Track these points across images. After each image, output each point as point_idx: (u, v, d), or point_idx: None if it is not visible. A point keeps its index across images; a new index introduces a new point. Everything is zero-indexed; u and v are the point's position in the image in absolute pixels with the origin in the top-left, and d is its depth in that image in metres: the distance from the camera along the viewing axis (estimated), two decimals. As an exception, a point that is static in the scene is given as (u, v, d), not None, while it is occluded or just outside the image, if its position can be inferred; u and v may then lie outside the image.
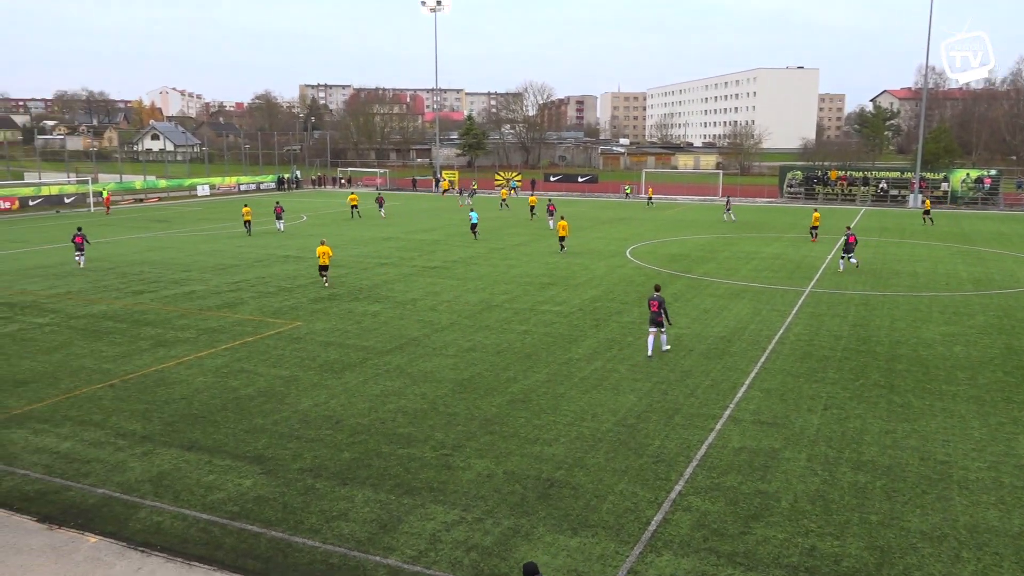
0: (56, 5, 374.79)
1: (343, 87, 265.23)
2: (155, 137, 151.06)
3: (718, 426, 15.88)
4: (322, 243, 30.87)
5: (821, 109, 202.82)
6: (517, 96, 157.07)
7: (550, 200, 59.77)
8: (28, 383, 18.63)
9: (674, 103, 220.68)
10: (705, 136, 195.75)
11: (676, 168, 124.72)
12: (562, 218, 41.94)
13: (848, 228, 36.42)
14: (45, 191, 68.72)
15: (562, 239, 40.07)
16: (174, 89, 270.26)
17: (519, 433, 15.48)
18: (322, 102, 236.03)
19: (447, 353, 21.09)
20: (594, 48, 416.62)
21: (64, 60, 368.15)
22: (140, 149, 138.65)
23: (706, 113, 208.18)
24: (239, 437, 15.30)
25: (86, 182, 70.87)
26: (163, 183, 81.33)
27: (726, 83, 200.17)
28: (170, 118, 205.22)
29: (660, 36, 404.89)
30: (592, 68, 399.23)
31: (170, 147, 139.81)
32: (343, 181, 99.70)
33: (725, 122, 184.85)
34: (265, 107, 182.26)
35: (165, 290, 29.89)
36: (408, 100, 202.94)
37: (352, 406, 17.02)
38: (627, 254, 39.51)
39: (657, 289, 21.21)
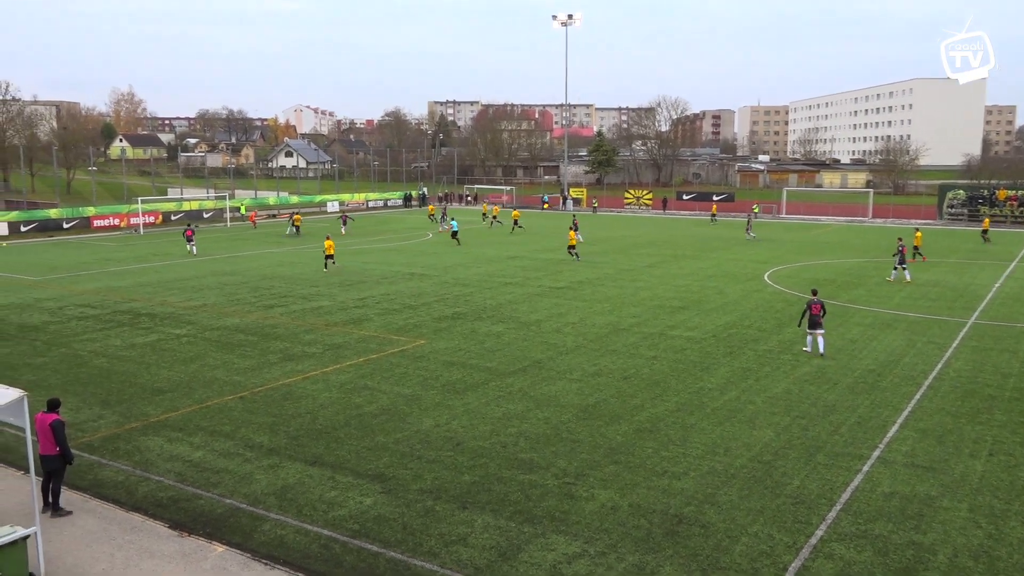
0: (201, 30, 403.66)
1: (471, 103, 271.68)
2: (288, 154, 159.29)
3: (865, 468, 15.06)
4: (328, 238, 41.11)
5: (988, 122, 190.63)
6: (649, 111, 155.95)
7: (575, 216, 61.58)
8: (165, 392, 19.92)
9: (819, 117, 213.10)
10: (853, 152, 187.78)
11: (821, 186, 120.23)
12: (571, 229, 47.68)
13: (900, 240, 39.74)
14: (186, 206, 73.79)
15: (571, 247, 44.57)
16: (307, 107, 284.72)
17: (646, 464, 15.21)
18: (450, 119, 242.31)
19: (571, 377, 21.04)
20: (732, 60, 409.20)
21: (208, 81, 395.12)
22: (274, 166, 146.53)
23: (855, 127, 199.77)
24: (361, 454, 15.77)
25: (224, 198, 75.56)
26: (295, 199, 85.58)
27: (878, 95, 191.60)
28: (303, 135, 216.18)
29: (803, 47, 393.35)
30: (729, 81, 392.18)
31: (302, 164, 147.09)
32: (470, 198, 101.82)
33: (876, 137, 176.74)
34: (394, 124, 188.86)
35: (294, 305, 31.32)
36: (537, 116, 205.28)
37: (473, 428, 17.23)
38: (765, 278, 38.32)
39: (815, 293, 22.83)
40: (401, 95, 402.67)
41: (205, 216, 73.37)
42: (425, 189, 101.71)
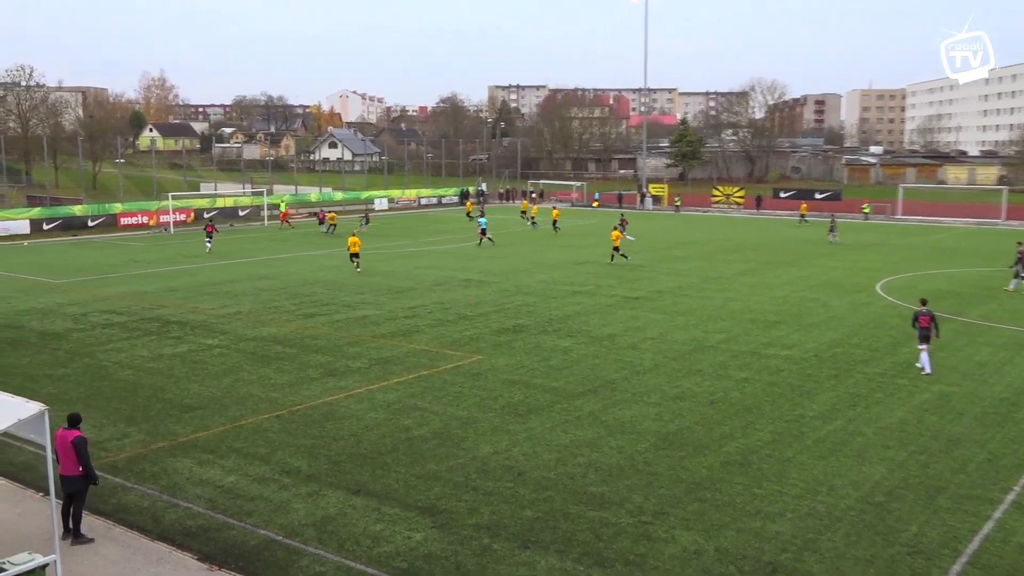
0: (237, 9, 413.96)
1: (537, 88, 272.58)
2: (332, 145, 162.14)
3: (997, 514, 14.59)
4: (353, 234, 44.17)
5: None
6: (741, 96, 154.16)
7: (623, 213, 61.32)
8: (195, 408, 20.42)
9: (943, 102, 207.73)
10: (983, 143, 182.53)
11: (944, 183, 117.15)
12: (615, 228, 47.88)
13: (1019, 244, 38.01)
14: (220, 203, 75.71)
15: (616, 249, 45.42)
16: (354, 92, 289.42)
17: (735, 503, 15.01)
18: (513, 105, 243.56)
19: (650, 400, 20.91)
20: (839, 37, 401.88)
21: (245, 65, 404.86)
22: (317, 158, 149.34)
23: (985, 114, 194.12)
24: (410, 483, 15.90)
25: (261, 193, 77.25)
26: (339, 195, 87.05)
27: (1013, 76, 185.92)
28: (349, 124, 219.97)
29: (923, 20, 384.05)
30: (836, 61, 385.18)
31: (348, 156, 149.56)
32: (534, 195, 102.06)
33: (1012, 125, 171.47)
34: (450, 111, 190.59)
35: (337, 314, 31.82)
36: (611, 102, 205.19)
37: (537, 456, 17.23)
38: (877, 288, 37.50)
39: (924, 303, 23.28)
40: (458, 79, 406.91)
41: (241, 214, 75.15)
42: (484, 185, 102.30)
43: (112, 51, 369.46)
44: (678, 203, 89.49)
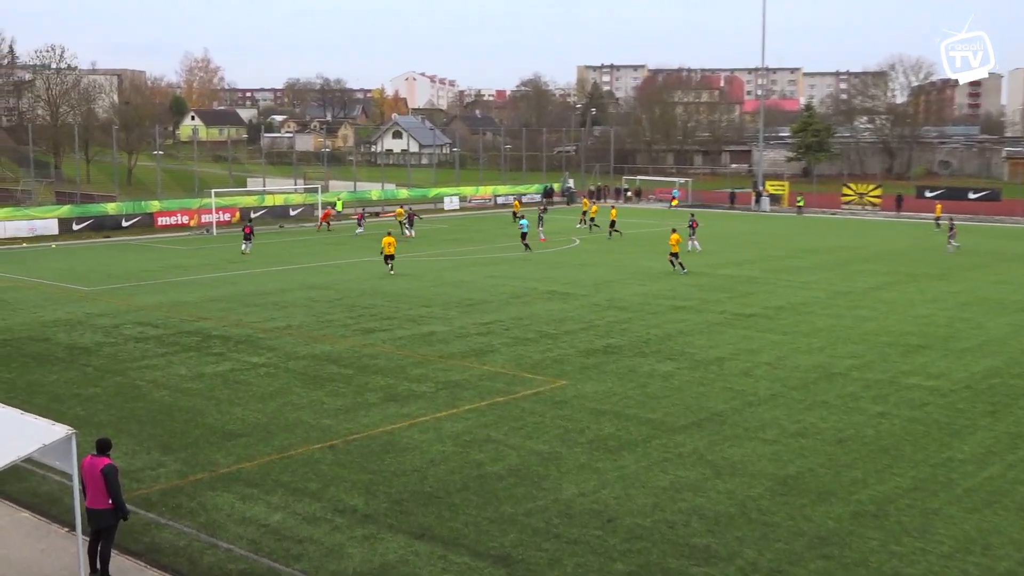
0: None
1: (634, 68, 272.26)
2: (397, 135, 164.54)
3: None
4: (388, 234, 47.01)
5: None
6: (879, 76, 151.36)
7: (692, 214, 60.14)
8: (238, 436, 20.86)
9: None
10: None
11: None
12: (674, 231, 46.85)
13: None
14: (269, 200, 77.32)
15: (674, 255, 45.55)
16: (422, 75, 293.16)
17: (868, 561, 14.71)
18: (606, 88, 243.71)
19: (765, 437, 20.64)
20: (997, 7, 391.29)
21: (298, 44, 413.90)
22: (379, 149, 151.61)
23: None
24: (482, 528, 15.96)
25: (315, 190, 78.61)
26: (404, 192, 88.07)
27: None
28: (416, 111, 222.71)
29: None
30: (994, 35, 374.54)
31: (414, 147, 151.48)
32: (629, 193, 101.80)
33: None
34: (532, 96, 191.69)
35: (400, 329, 32.19)
36: (722, 84, 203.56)
37: (630, 500, 17.13)
38: (1044, 308, 36.41)
39: None
40: (542, 58, 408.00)
41: (292, 213, 76.68)
42: (571, 181, 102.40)
43: (151, 29, 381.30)
44: (801, 203, 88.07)
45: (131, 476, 18.08)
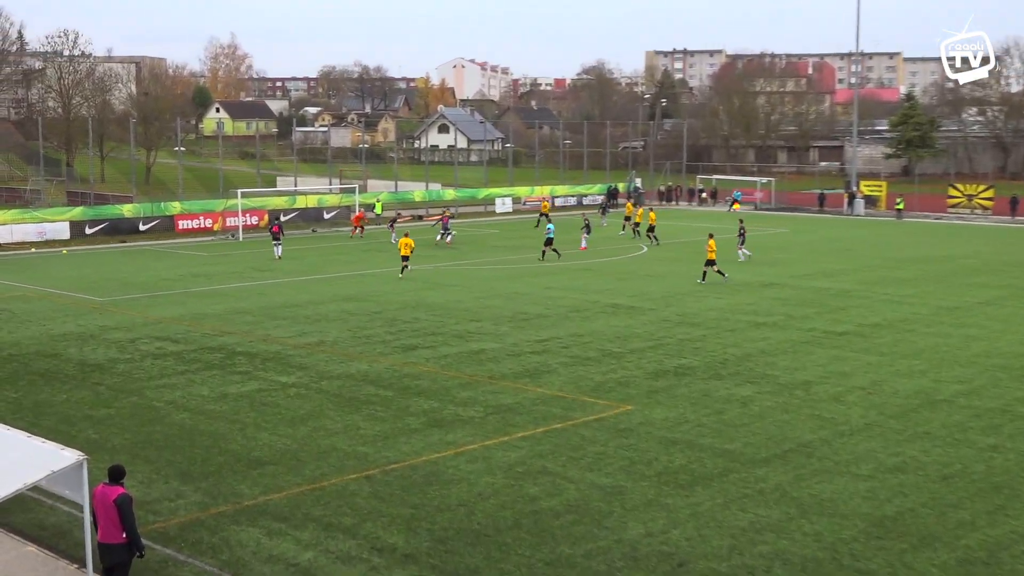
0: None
1: (710, 54, 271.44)
2: (443, 129, 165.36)
3: None
4: (406, 235, 48.77)
5: None
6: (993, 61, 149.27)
7: (741, 220, 59.72)
8: (265, 464, 21.02)
9: None
10: None
11: None
12: (711, 236, 46.87)
13: None
14: (300, 202, 77.98)
15: (710, 262, 45.59)
16: (472, 62, 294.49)
17: (977, 616, 14.47)
18: (678, 76, 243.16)
19: (858, 472, 20.42)
20: None
21: (335, 29, 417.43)
22: (423, 145, 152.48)
23: None
24: (536, 570, 15.93)
25: (352, 190, 79.09)
26: (450, 193, 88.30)
27: None
28: (464, 102, 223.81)
29: None
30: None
31: (463, 143, 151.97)
32: (703, 195, 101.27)
33: None
34: (595, 85, 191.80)
35: (445, 346, 32.29)
36: (810, 71, 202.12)
37: (704, 541, 17.02)
38: None
39: None
40: (606, 43, 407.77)
41: (326, 216, 77.24)
42: (639, 180, 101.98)
43: (173, 13, 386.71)
44: (900, 206, 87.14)
45: (147, 507, 18.24)
